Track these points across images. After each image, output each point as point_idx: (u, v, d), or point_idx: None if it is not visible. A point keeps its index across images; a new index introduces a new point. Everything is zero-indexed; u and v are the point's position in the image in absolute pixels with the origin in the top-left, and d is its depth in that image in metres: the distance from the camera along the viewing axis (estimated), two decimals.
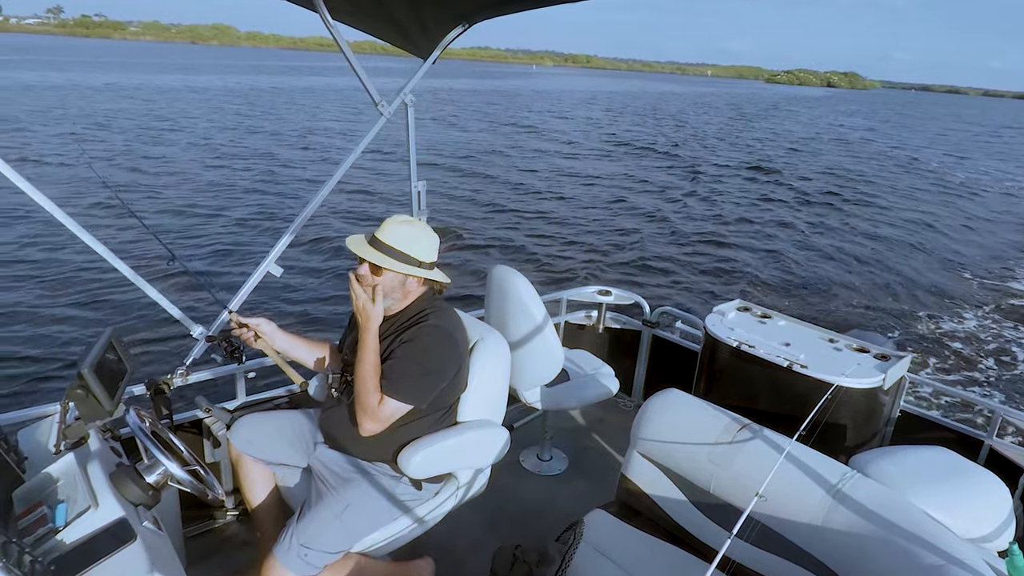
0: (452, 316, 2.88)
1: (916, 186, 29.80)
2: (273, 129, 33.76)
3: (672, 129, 48.12)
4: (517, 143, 33.99)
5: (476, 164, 26.83)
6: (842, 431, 3.71)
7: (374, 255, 2.69)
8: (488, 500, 3.38)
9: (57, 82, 52.84)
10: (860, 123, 72.32)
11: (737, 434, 2.64)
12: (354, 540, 2.68)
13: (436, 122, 41.35)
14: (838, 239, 18.54)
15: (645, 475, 2.95)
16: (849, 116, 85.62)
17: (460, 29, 3.76)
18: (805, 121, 68.18)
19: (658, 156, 33.29)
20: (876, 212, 22.90)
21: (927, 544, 2.07)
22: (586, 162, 29.41)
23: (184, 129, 31.17)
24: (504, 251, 15.05)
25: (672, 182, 25.79)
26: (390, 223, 2.74)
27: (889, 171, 33.91)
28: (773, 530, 2.41)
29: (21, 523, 1.93)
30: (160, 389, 3.12)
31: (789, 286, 14.16)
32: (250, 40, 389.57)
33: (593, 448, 4.81)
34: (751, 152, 36.86)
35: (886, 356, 3.92)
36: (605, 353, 5.44)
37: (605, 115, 58.64)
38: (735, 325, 4.23)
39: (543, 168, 26.91)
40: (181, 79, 67.89)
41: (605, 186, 24.04)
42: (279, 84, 69.13)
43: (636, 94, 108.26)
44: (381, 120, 3.82)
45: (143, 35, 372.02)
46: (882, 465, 2.75)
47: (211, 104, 43.92)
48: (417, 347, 2.69)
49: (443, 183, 21.98)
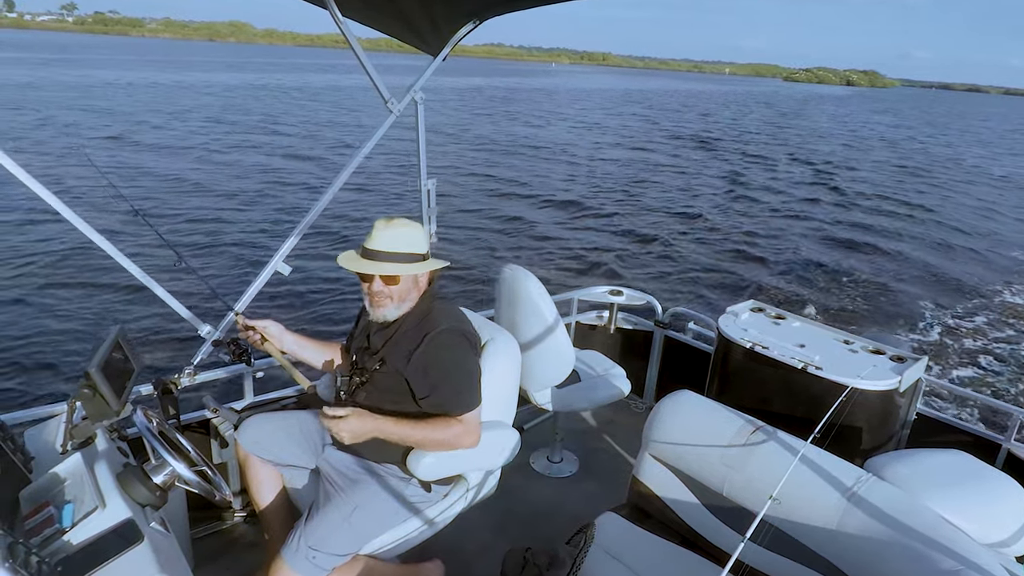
0: (456, 312, 2.89)
1: (950, 184, 29.73)
2: (284, 128, 33.86)
3: (705, 125, 48.36)
4: (539, 142, 34.00)
5: (493, 162, 26.96)
6: (857, 434, 3.70)
7: (384, 267, 2.70)
8: (498, 502, 3.37)
9: (68, 79, 53.18)
10: (889, 120, 72.41)
11: (750, 436, 2.64)
12: (363, 542, 2.68)
13: (456, 119, 41.45)
14: (856, 237, 18.50)
15: (657, 477, 2.94)
16: (880, 114, 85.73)
17: (471, 26, 3.75)
18: (839, 119, 68.22)
19: (692, 151, 33.56)
20: (900, 209, 22.86)
21: (944, 548, 2.06)
22: (612, 161, 29.48)
23: (191, 128, 31.31)
24: (514, 250, 15.05)
25: (693, 181, 25.82)
26: (381, 230, 2.73)
27: (922, 168, 33.87)
28: (787, 534, 2.40)
29: (28, 523, 1.94)
30: (167, 389, 3.12)
31: (804, 286, 14.12)
32: (266, 37, 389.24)
33: (604, 450, 4.80)
34: (768, 148, 36.84)
35: (902, 358, 3.91)
36: (616, 354, 5.43)
37: (651, 112, 58.86)
38: (749, 326, 4.22)
39: (566, 166, 27.01)
40: (199, 77, 68.30)
41: (621, 184, 24.07)
42: (293, 83, 69.17)
43: (668, 92, 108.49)
44: (391, 118, 3.82)
45: (161, 32, 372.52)
46: (898, 468, 2.74)
47: (221, 103, 44.04)
48: (450, 357, 2.71)
49: (456, 181, 22.03)
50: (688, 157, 32.42)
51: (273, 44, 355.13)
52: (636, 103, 71.90)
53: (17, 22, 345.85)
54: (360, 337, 2.99)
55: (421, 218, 4.16)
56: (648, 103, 73.89)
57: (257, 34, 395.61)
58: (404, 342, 2.75)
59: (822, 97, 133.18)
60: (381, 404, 2.77)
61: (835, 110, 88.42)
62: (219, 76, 71.99)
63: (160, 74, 67.75)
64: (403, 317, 2.81)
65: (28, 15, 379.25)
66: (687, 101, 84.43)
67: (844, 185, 26.85)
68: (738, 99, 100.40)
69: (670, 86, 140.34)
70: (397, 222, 2.77)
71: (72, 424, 2.29)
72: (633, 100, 77.29)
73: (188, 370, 3.43)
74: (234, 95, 50.86)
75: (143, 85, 53.00)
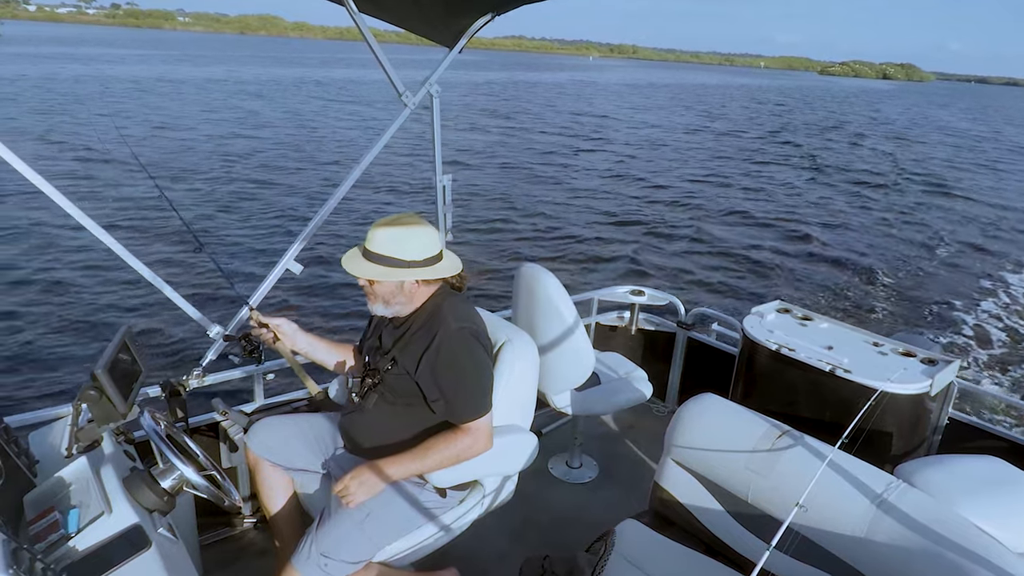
0: (468, 310, 2.84)
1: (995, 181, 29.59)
2: (303, 122, 34.20)
3: (781, 122, 47.95)
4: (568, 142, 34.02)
5: (522, 160, 26.96)
6: (887, 439, 3.67)
7: (363, 268, 2.68)
8: (515, 509, 3.37)
9: (114, 73, 53.78)
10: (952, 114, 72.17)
11: (776, 441, 2.62)
12: (375, 549, 2.67)
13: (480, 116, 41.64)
14: (888, 237, 18.38)
15: (679, 483, 2.92)
16: (941, 108, 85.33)
17: (488, 17, 3.75)
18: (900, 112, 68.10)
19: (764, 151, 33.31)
20: (932, 208, 22.70)
21: (977, 558, 2.04)
22: (640, 161, 29.31)
23: (205, 123, 31.53)
24: (533, 248, 15.04)
25: (720, 177, 25.77)
26: (374, 229, 2.70)
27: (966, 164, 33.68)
28: (814, 542, 2.38)
29: (32, 529, 1.93)
30: (176, 391, 3.12)
31: (832, 286, 14.04)
32: (297, 30, 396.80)
33: (625, 455, 4.79)
34: (788, 145, 36.69)
35: (934, 360, 3.88)
36: (638, 356, 5.42)
37: (718, 110, 58.71)
38: (774, 327, 4.20)
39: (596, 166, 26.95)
40: (231, 71, 69.06)
41: (650, 183, 23.98)
42: (319, 77, 69.42)
43: (717, 87, 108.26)
44: (405, 112, 3.81)
45: (193, 26, 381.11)
46: (929, 474, 2.72)
47: (237, 98, 44.32)
48: (457, 361, 2.67)
49: (482, 178, 22.08)
50: (758, 157, 32.30)
51: (304, 37, 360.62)
52: (696, 102, 70.75)
53: (51, 15, 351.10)
54: (372, 336, 2.99)
55: (437, 214, 4.16)
56: (702, 100, 73.07)
57: (288, 27, 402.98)
58: (414, 343, 2.73)
59: (866, 91, 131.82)
60: (395, 406, 2.77)
61: (888, 104, 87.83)
62: (272, 70, 72.98)
63: (195, 69, 68.62)
64: (413, 315, 2.80)
65: (47, 6, 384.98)
66: (734, 95, 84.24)
67: (891, 181, 26.78)
68: (791, 93, 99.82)
69: (711, 80, 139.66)
70: (399, 222, 2.73)
71: (77, 427, 2.29)
72: (691, 98, 76.05)
73: (197, 372, 3.44)
74: (268, 89, 51.61)
75: (178, 81, 53.57)
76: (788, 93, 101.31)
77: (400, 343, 2.77)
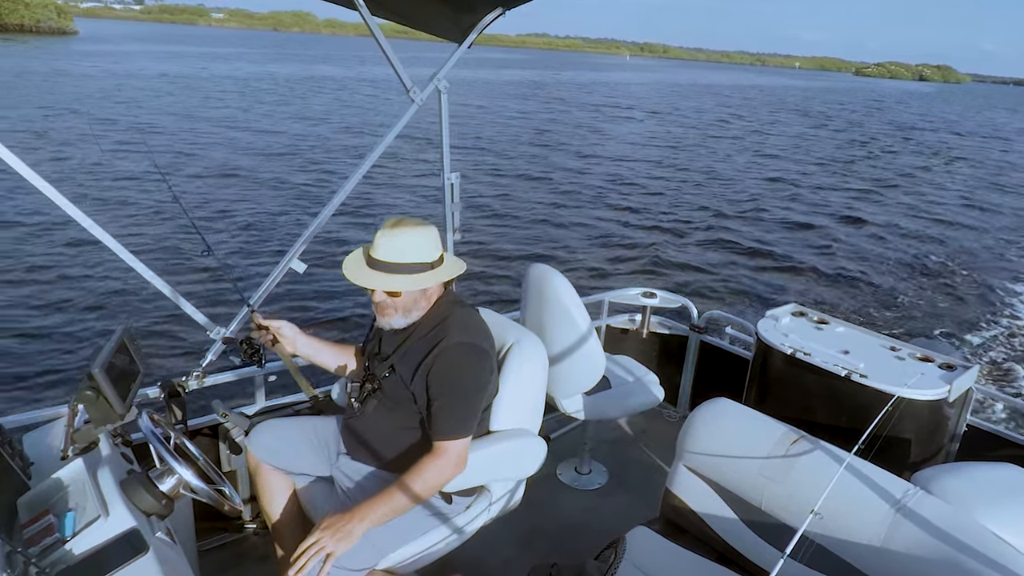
0: (474, 323, 2.79)
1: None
2: (317, 118, 34.46)
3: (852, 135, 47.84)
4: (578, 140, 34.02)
5: (536, 156, 27.06)
6: (904, 445, 3.66)
7: (384, 281, 2.62)
8: (523, 515, 3.35)
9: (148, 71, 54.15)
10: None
11: (791, 447, 2.60)
12: (379, 556, 2.66)
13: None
14: (907, 239, 18.32)
15: (691, 490, 2.91)
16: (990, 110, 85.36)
17: (497, 12, 3.74)
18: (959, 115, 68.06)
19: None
20: (956, 214, 22.65)
21: (997, 567, 2.02)
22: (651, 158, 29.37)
23: (216, 119, 31.68)
24: (542, 248, 15.03)
25: (738, 178, 25.81)
26: (383, 237, 2.63)
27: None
28: (829, 550, 2.37)
29: (27, 532, 1.93)
30: (175, 392, 3.11)
31: (848, 289, 13.99)
32: (329, 27, 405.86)
33: (636, 461, 4.78)
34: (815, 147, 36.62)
35: (952, 366, 3.86)
36: (650, 359, 5.40)
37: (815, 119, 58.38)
38: (789, 331, 4.18)
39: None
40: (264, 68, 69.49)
41: (661, 182, 24.04)
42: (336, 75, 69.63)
43: (771, 88, 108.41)
44: (412, 107, 3.79)
45: (227, 22, 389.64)
46: (947, 482, 2.71)
47: (253, 95, 44.50)
48: (453, 377, 2.63)
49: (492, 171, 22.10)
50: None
51: (336, 34, 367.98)
52: (779, 106, 70.37)
53: (91, 12, 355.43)
54: (373, 341, 2.97)
55: (444, 213, 4.15)
56: (783, 104, 72.83)
57: (320, 24, 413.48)
58: (414, 351, 2.70)
59: (910, 94, 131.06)
60: (394, 412, 2.76)
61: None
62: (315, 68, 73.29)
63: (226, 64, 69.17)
64: (415, 323, 2.75)
65: (73, 2, 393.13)
66: (786, 99, 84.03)
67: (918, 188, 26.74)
68: (840, 96, 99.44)
69: (756, 81, 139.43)
70: (404, 226, 2.67)
71: (74, 428, 2.29)
72: (767, 104, 75.33)
73: (197, 372, 3.44)
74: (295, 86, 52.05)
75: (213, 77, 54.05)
76: (850, 95, 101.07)
77: (400, 351, 2.75)
